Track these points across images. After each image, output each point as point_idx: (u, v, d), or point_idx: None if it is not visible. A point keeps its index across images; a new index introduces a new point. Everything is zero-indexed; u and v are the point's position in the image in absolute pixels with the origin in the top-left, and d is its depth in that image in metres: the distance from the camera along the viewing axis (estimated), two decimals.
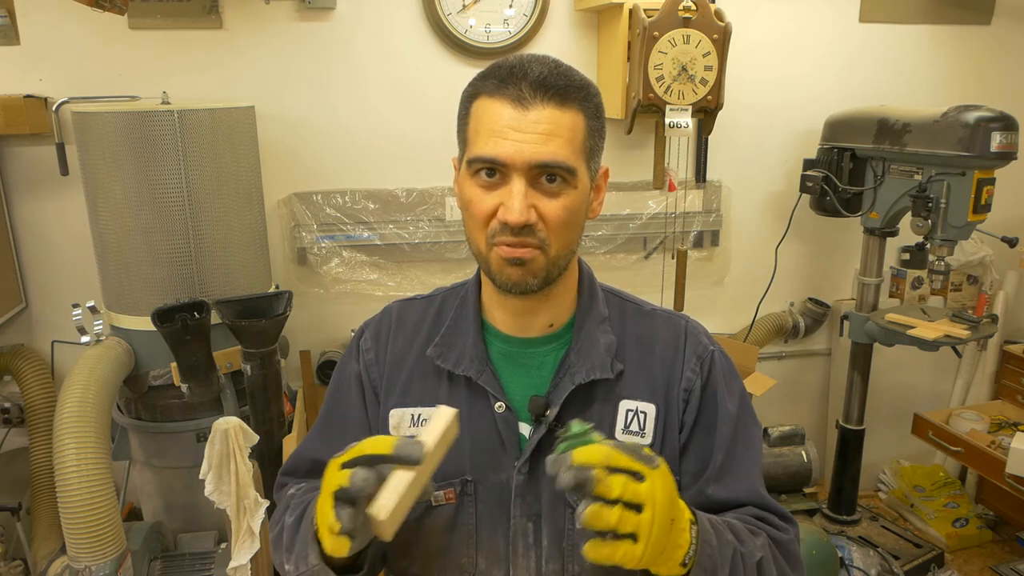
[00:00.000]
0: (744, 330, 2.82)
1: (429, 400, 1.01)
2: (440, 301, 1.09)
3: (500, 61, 0.92)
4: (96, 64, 2.21)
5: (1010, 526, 2.86)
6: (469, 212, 0.92)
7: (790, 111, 2.70)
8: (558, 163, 0.87)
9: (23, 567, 2.13)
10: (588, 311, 1.02)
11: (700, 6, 2.19)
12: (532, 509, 0.97)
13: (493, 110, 0.88)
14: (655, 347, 1.02)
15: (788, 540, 0.96)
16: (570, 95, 0.89)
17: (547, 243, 0.90)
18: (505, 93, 0.88)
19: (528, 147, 0.86)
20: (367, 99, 2.41)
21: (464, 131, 0.94)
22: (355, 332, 1.13)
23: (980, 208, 2.12)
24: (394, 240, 2.47)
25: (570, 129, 0.89)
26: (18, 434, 2.39)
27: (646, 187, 2.57)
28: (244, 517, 1.77)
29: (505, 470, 0.98)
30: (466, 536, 1.00)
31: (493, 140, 0.87)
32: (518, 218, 0.87)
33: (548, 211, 0.89)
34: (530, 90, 0.87)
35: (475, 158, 0.89)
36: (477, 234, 0.92)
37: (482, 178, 0.90)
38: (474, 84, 0.93)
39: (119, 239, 1.91)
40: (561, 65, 0.90)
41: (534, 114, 0.87)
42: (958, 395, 3.07)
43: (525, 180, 0.88)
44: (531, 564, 0.98)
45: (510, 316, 1.01)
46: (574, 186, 0.90)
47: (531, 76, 0.87)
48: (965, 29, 2.78)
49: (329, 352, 2.50)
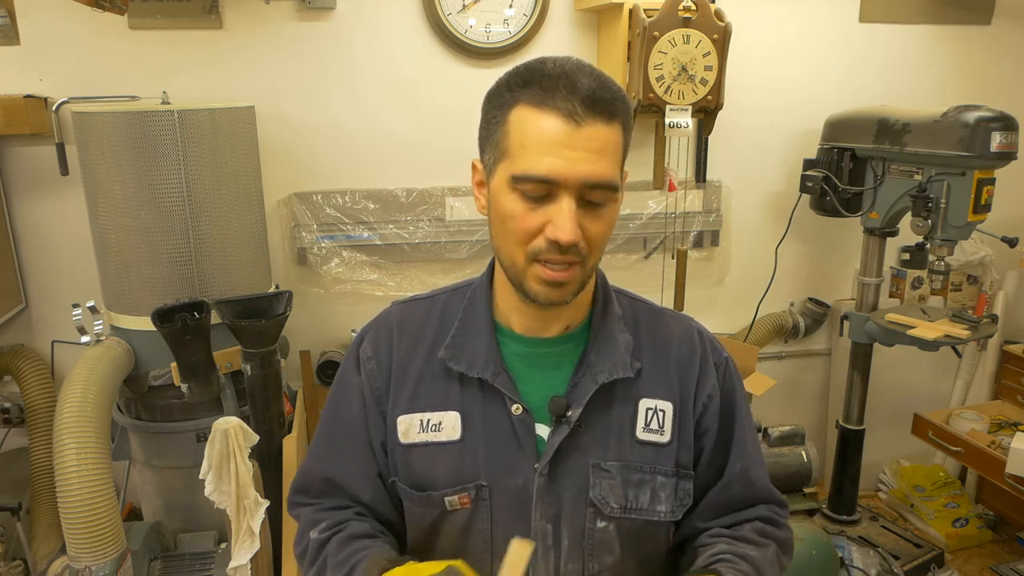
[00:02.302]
0: (744, 330, 2.82)
1: (439, 404, 0.99)
2: (443, 302, 1.06)
3: (536, 67, 0.88)
4: (96, 64, 2.21)
5: (1010, 526, 2.86)
6: (508, 227, 0.89)
7: (790, 111, 2.70)
8: (607, 181, 0.86)
9: (23, 567, 2.13)
10: (605, 310, 1.02)
11: (700, 6, 2.19)
12: (552, 510, 0.97)
13: (542, 124, 0.85)
14: (670, 345, 1.03)
15: (788, 539, 1.04)
16: (616, 109, 0.87)
17: (587, 259, 0.90)
18: (555, 107, 0.84)
19: (581, 166, 0.84)
20: (367, 99, 2.41)
21: (501, 140, 0.89)
22: (354, 338, 1.10)
23: (980, 208, 2.12)
24: (394, 240, 2.47)
25: (616, 145, 0.88)
26: (18, 434, 2.39)
27: (646, 187, 2.57)
28: (244, 517, 1.77)
29: (523, 473, 0.97)
30: (481, 541, 0.99)
31: (546, 157, 0.84)
32: (570, 238, 0.85)
33: (593, 229, 0.88)
34: (582, 106, 0.84)
35: (524, 175, 0.86)
36: (515, 249, 0.90)
37: (527, 194, 0.87)
38: (512, 90, 0.88)
39: (119, 239, 1.91)
40: (603, 75, 0.87)
41: (587, 131, 0.84)
42: (958, 395, 3.07)
43: (574, 198, 0.86)
44: (550, 565, 0.98)
45: (529, 320, 1.00)
46: (615, 200, 0.90)
47: (582, 90, 0.84)
48: (965, 29, 2.78)
49: (329, 352, 2.50)
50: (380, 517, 1.05)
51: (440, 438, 0.98)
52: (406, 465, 1.01)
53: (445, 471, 0.98)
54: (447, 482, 0.98)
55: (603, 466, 0.97)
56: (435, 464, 0.99)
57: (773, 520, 1.05)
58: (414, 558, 0.94)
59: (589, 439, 0.97)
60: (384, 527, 1.05)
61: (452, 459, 0.98)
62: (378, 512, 1.05)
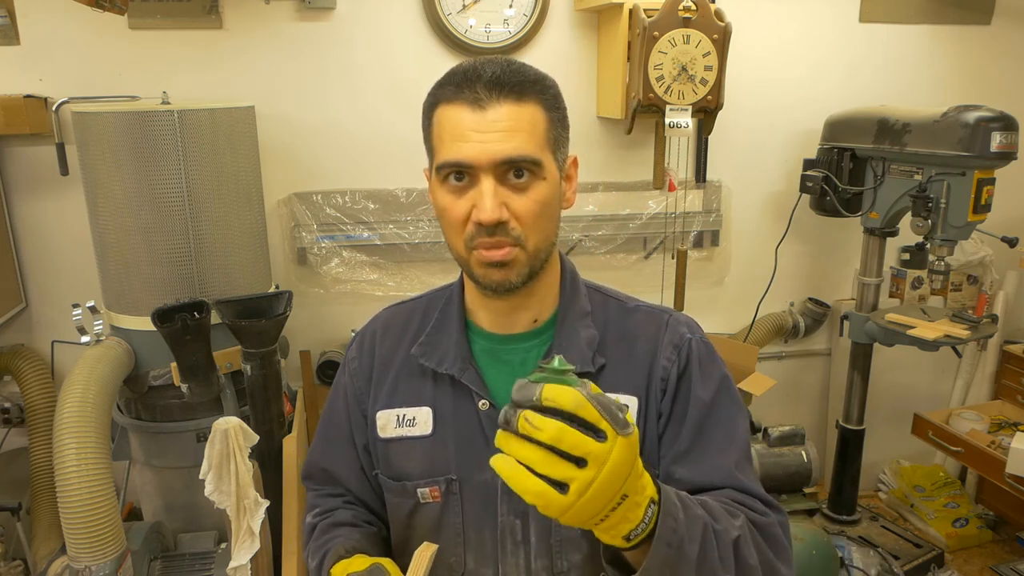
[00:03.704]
0: (744, 330, 2.82)
1: (414, 400, 1.03)
2: (427, 302, 1.11)
3: (455, 67, 0.93)
4: (96, 64, 2.21)
5: (1010, 526, 2.86)
6: (445, 219, 0.93)
7: (790, 111, 2.70)
8: (522, 156, 0.88)
9: (23, 567, 2.13)
10: (570, 306, 1.02)
11: (700, 6, 2.19)
12: (519, 506, 0.98)
13: (453, 115, 0.90)
14: (637, 342, 1.02)
15: (769, 523, 0.92)
16: (526, 89, 0.90)
17: (523, 239, 0.91)
18: (462, 97, 0.89)
19: (491, 145, 0.87)
20: (367, 99, 2.41)
21: (430, 140, 0.95)
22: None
23: (980, 208, 2.12)
24: (394, 240, 2.47)
25: (530, 123, 0.90)
26: (18, 434, 2.39)
27: (646, 187, 2.57)
28: (244, 517, 1.77)
29: (490, 468, 0.97)
30: (453, 535, 1.00)
31: (456, 144, 0.89)
32: (490, 215, 0.87)
33: (520, 206, 0.90)
34: (485, 90, 0.88)
35: (442, 164, 0.90)
36: (455, 239, 0.93)
37: (452, 183, 0.91)
38: (433, 93, 0.94)
39: (119, 239, 1.90)
40: (514, 63, 0.92)
41: (492, 112, 0.88)
42: (958, 395, 3.07)
43: (493, 178, 0.89)
44: (520, 562, 0.99)
45: (494, 315, 1.02)
46: (542, 178, 0.91)
47: (485, 77, 0.89)
48: (965, 29, 2.78)
49: (329, 352, 2.50)
50: (367, 507, 1.13)
51: (414, 432, 1.02)
52: (386, 459, 1.05)
53: (418, 464, 1.02)
54: (419, 475, 1.01)
55: None
56: (410, 458, 1.02)
57: (745, 503, 0.94)
58: (371, 551, 1.01)
59: None
60: (373, 516, 1.12)
61: (424, 453, 1.01)
62: (365, 502, 1.12)
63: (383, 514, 1.11)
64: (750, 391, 2.44)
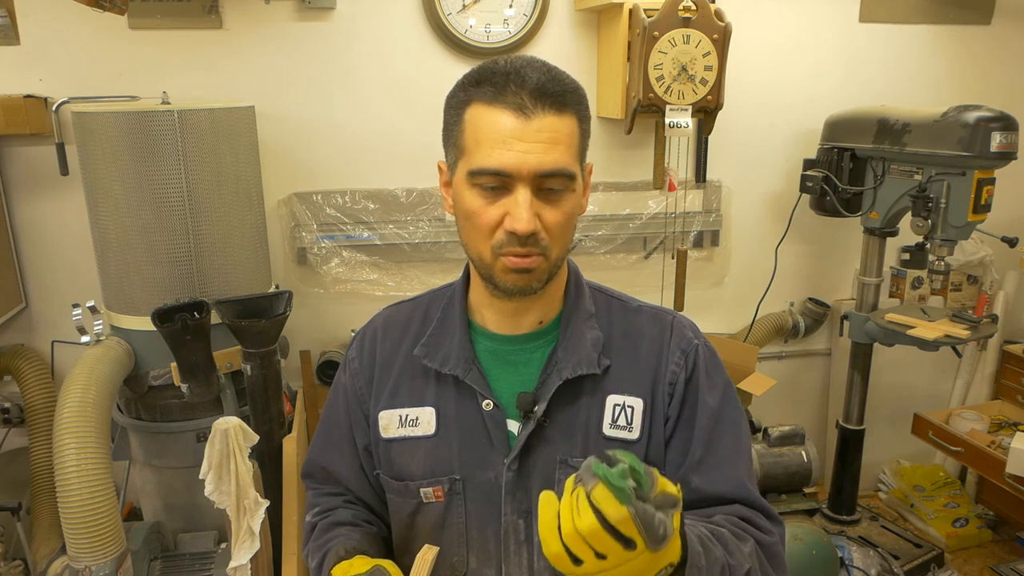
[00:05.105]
0: (744, 330, 2.82)
1: (416, 400, 1.03)
2: (427, 302, 1.10)
3: (489, 66, 0.91)
4: (96, 64, 2.22)
5: (1010, 526, 2.86)
6: (472, 223, 0.92)
7: (790, 111, 2.70)
8: (561, 170, 0.88)
9: (23, 567, 2.13)
10: (575, 308, 1.03)
11: (700, 6, 2.19)
12: (522, 505, 0.98)
13: (493, 119, 0.88)
14: (641, 342, 1.02)
15: (774, 543, 0.95)
16: (567, 100, 0.89)
17: (549, 249, 0.91)
18: (504, 101, 0.87)
19: (533, 157, 0.86)
20: (367, 99, 2.41)
21: (458, 139, 0.93)
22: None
23: (980, 208, 2.12)
24: (394, 240, 2.47)
25: (568, 135, 0.89)
26: (18, 434, 2.39)
27: (646, 187, 2.57)
28: (244, 517, 1.77)
29: (494, 468, 0.98)
30: (456, 535, 1.01)
31: (497, 151, 0.87)
32: (527, 227, 0.87)
33: (551, 217, 0.90)
34: (531, 98, 0.87)
35: (479, 170, 0.89)
36: (481, 244, 0.92)
37: (485, 188, 0.90)
38: (466, 90, 0.92)
39: (119, 239, 1.91)
40: (553, 69, 0.90)
41: (536, 122, 0.87)
42: (958, 395, 3.07)
43: (530, 189, 0.88)
44: (523, 561, 0.99)
45: (501, 315, 1.02)
46: (573, 190, 0.92)
47: (530, 84, 0.87)
48: (965, 29, 2.78)
49: (329, 352, 2.50)
50: (367, 506, 1.13)
51: (416, 432, 1.02)
52: (388, 459, 1.05)
53: (421, 464, 1.01)
54: (423, 475, 1.01)
55: (569, 461, 0.97)
56: (412, 458, 1.02)
57: (752, 520, 0.96)
58: (371, 552, 1.01)
59: (556, 434, 0.98)
60: (373, 515, 1.12)
61: (427, 453, 1.01)
62: (365, 501, 1.12)
63: (383, 514, 1.11)
64: (750, 391, 2.44)
